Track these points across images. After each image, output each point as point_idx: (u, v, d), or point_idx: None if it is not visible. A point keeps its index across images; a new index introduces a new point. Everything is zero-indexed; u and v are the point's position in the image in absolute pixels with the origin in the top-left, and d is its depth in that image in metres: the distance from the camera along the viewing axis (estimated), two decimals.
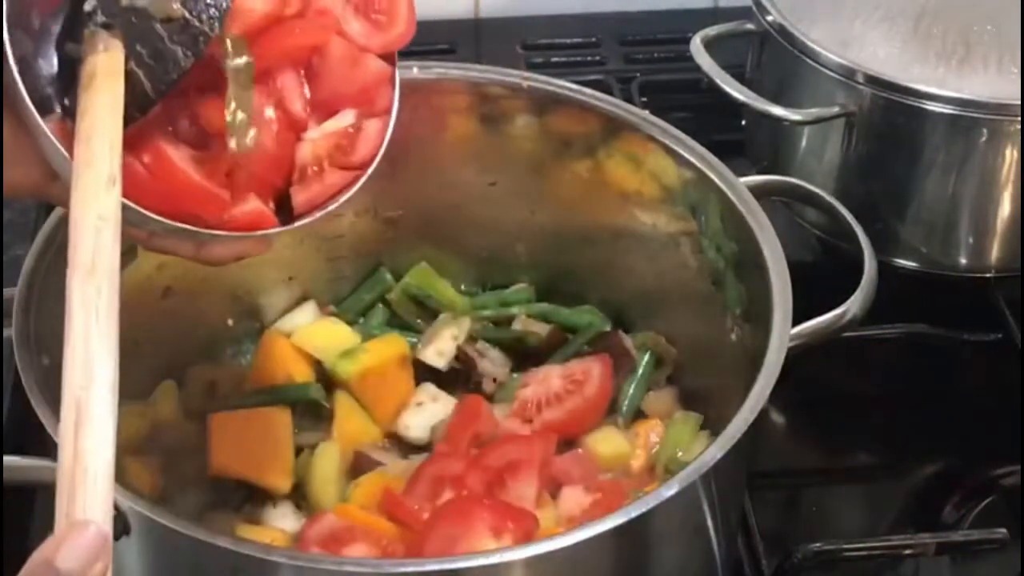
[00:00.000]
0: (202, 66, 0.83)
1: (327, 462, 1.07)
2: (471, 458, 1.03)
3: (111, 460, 0.69)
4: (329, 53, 0.90)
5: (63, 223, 1.00)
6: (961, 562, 1.14)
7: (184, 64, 0.82)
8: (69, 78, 0.82)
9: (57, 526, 0.67)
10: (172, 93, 0.83)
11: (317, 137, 0.90)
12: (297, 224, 0.89)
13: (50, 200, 0.86)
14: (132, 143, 0.81)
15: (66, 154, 0.79)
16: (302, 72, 0.90)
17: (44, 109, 0.80)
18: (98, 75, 0.80)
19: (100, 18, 0.81)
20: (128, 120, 0.80)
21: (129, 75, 0.81)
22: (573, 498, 1.02)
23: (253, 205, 0.86)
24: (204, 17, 0.82)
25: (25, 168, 0.82)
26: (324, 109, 0.91)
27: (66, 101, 0.82)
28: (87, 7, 0.81)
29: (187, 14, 0.82)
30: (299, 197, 0.89)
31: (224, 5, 0.82)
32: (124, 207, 0.78)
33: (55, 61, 0.83)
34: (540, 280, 1.23)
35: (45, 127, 0.79)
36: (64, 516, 0.67)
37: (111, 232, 0.75)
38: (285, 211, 0.89)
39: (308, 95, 0.90)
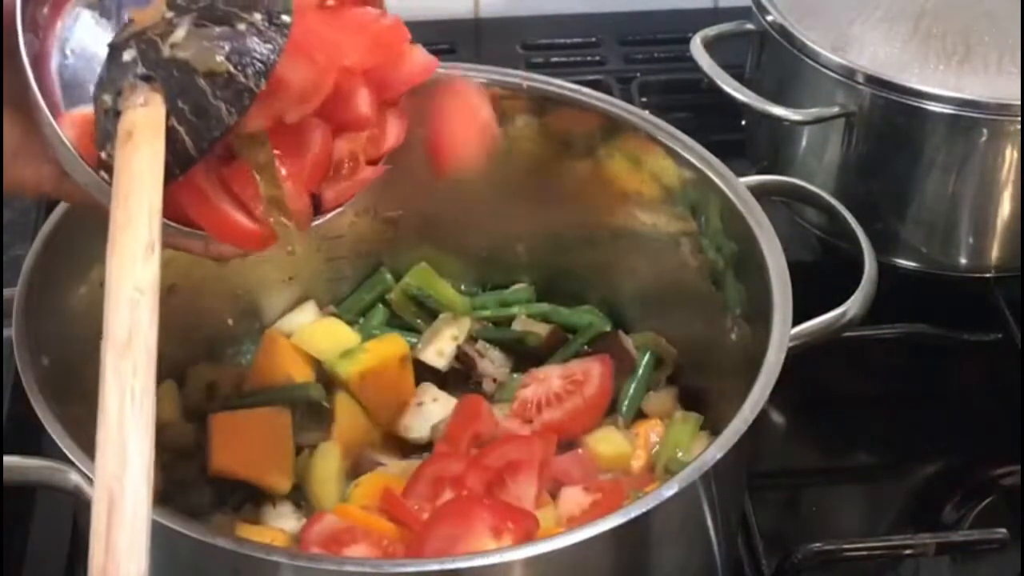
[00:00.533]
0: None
1: (327, 462, 1.07)
2: (471, 458, 1.03)
3: (146, 558, 0.66)
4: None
5: (63, 223, 1.01)
6: (961, 562, 1.14)
7: (228, 121, 0.77)
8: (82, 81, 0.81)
9: None
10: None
11: (352, 134, 0.87)
12: (323, 219, 0.87)
13: (61, 197, 0.86)
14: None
15: (75, 152, 0.78)
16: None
17: (54, 109, 0.79)
18: (137, 131, 0.76)
19: (140, 69, 0.77)
20: (167, 179, 0.76)
21: (169, 132, 0.77)
22: (573, 498, 1.02)
23: None
24: (249, 72, 0.77)
25: (36, 166, 0.81)
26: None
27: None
28: (126, 57, 0.77)
29: (231, 68, 0.77)
30: (328, 193, 0.87)
31: (271, 59, 0.77)
32: None
33: (64, 60, 0.82)
34: (540, 280, 1.23)
35: (58, 128, 0.78)
36: None
37: (149, 305, 0.71)
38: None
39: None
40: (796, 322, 0.96)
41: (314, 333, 1.16)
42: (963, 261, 1.31)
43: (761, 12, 1.33)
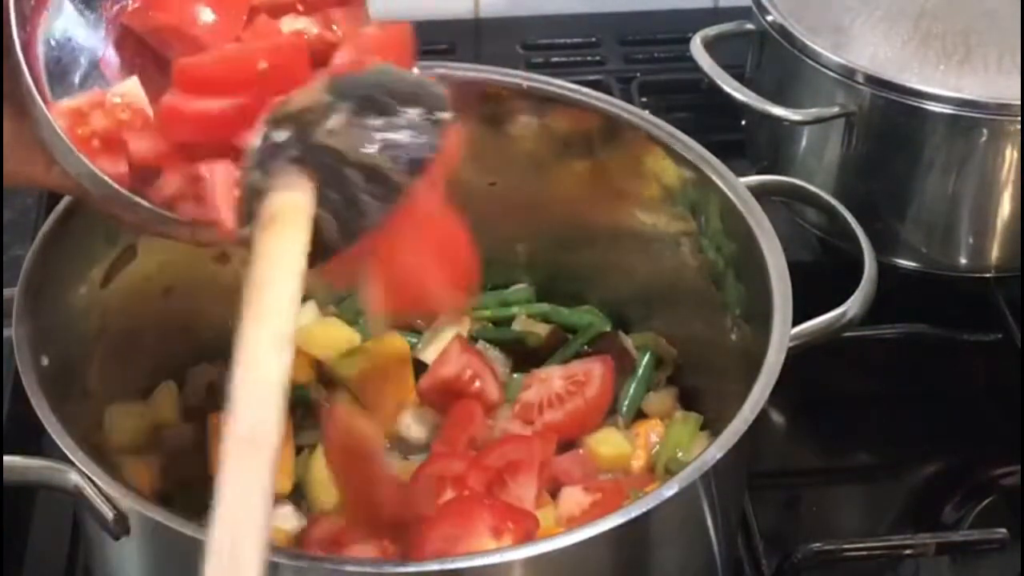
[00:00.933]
0: None
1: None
2: (471, 458, 1.03)
3: None
4: None
5: (63, 223, 1.00)
6: (961, 562, 1.14)
7: (375, 217, 0.75)
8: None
9: None
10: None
11: None
12: None
13: (54, 189, 0.86)
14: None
15: (67, 142, 0.78)
16: None
17: (43, 98, 0.79)
18: (282, 216, 0.73)
19: (293, 152, 0.75)
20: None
21: (315, 221, 0.74)
22: (573, 498, 1.02)
23: None
24: (402, 167, 0.75)
25: (27, 158, 0.81)
26: None
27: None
28: (280, 137, 0.75)
29: (384, 162, 0.75)
30: None
31: (425, 156, 0.76)
32: (127, 199, 0.76)
33: (48, 51, 0.81)
34: (540, 280, 1.23)
35: (51, 118, 0.78)
36: None
37: (277, 401, 0.69)
38: None
39: None
40: (796, 322, 0.96)
41: (314, 333, 1.16)
42: (963, 261, 1.31)
43: (761, 12, 1.33)
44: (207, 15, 0.82)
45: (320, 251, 0.75)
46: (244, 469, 0.68)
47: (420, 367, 1.15)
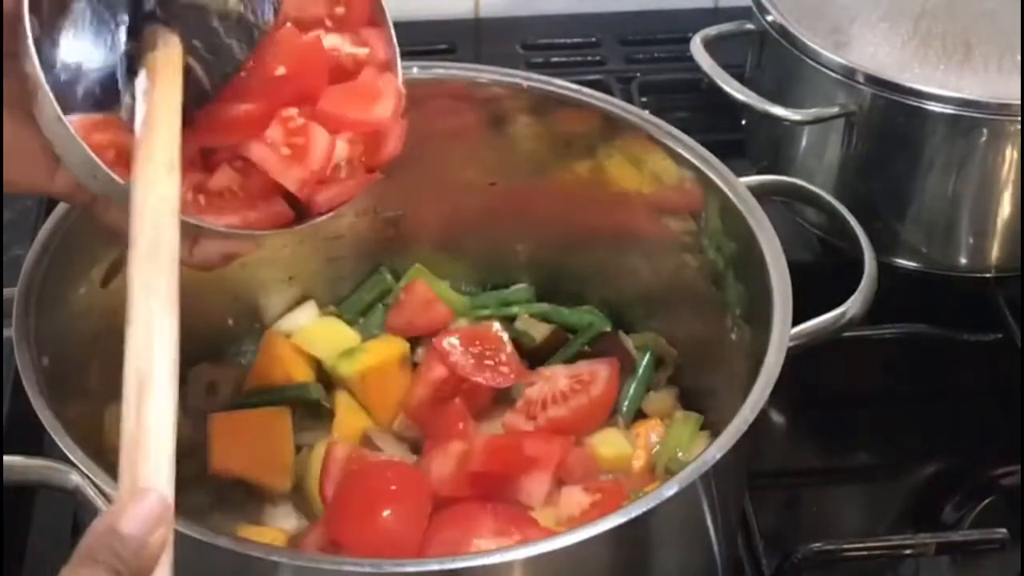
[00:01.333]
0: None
1: None
2: (487, 442, 1.03)
3: (173, 431, 0.72)
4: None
5: (63, 223, 1.00)
6: (961, 562, 1.14)
7: (240, 57, 0.84)
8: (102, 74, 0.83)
9: (119, 495, 0.69)
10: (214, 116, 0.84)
11: (353, 137, 0.89)
12: (311, 223, 0.89)
13: (51, 195, 0.86)
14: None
15: (87, 149, 0.79)
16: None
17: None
18: (157, 69, 0.81)
19: (160, 13, 0.82)
20: (185, 115, 0.81)
21: (186, 70, 0.82)
22: (573, 498, 1.02)
23: (280, 207, 0.87)
24: (259, 11, 0.84)
25: (28, 163, 0.83)
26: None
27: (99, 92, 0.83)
28: (147, 6, 0.82)
29: (242, 9, 0.83)
30: (320, 196, 0.88)
31: (277, 2, 0.84)
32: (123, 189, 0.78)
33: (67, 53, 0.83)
34: (540, 280, 1.23)
35: (67, 122, 0.79)
36: (125, 486, 0.69)
37: (170, 216, 0.77)
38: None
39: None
40: (796, 322, 0.96)
41: (314, 333, 1.16)
42: (963, 261, 1.31)
43: (761, 12, 1.33)
44: None
45: (196, 98, 0.83)
46: (149, 275, 0.75)
47: None
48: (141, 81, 0.81)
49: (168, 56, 0.82)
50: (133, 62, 0.82)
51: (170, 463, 0.71)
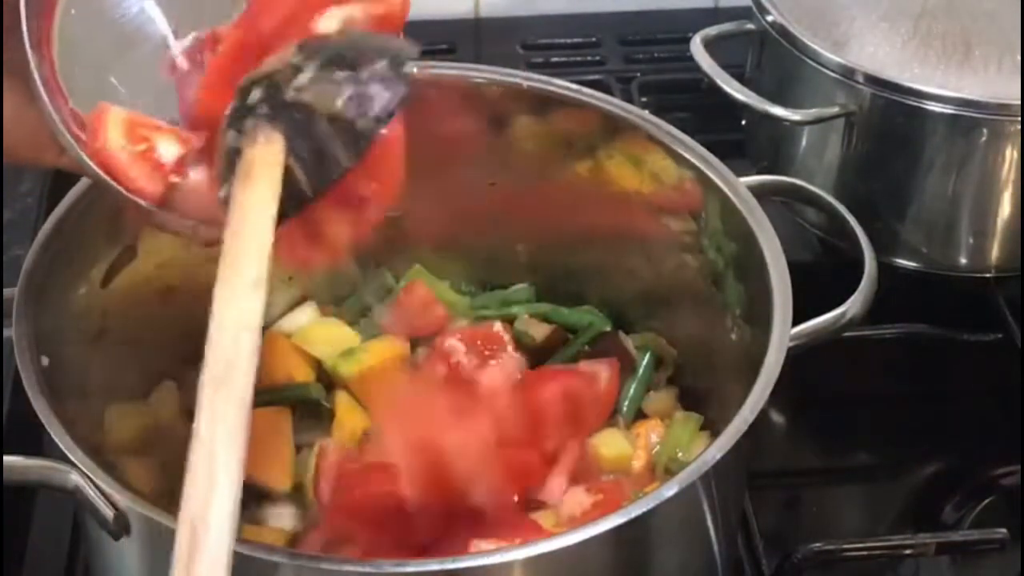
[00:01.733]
0: None
1: None
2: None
3: None
4: None
5: (63, 223, 1.00)
6: (961, 562, 1.14)
7: (345, 164, 0.80)
8: None
9: None
10: None
11: None
12: None
13: (63, 168, 0.85)
14: None
15: (71, 139, 0.79)
16: None
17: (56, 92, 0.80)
18: (255, 168, 0.78)
19: (264, 109, 0.79)
20: (281, 216, 0.78)
21: (287, 172, 0.78)
22: (574, 498, 1.02)
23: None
24: (369, 117, 0.79)
25: (33, 135, 0.81)
26: None
27: None
28: (252, 98, 0.79)
29: (351, 113, 0.79)
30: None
31: (390, 106, 0.80)
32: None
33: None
34: (540, 280, 1.23)
35: (56, 117, 0.79)
36: None
37: (251, 341, 0.73)
38: None
39: None
40: (796, 322, 0.96)
41: (314, 333, 1.16)
42: (963, 261, 1.31)
43: (761, 12, 1.33)
44: None
45: (295, 201, 0.79)
46: (218, 409, 0.71)
47: None
48: (237, 178, 0.78)
49: (268, 153, 0.78)
50: (234, 156, 0.79)
51: None
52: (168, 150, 0.82)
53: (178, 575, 0.68)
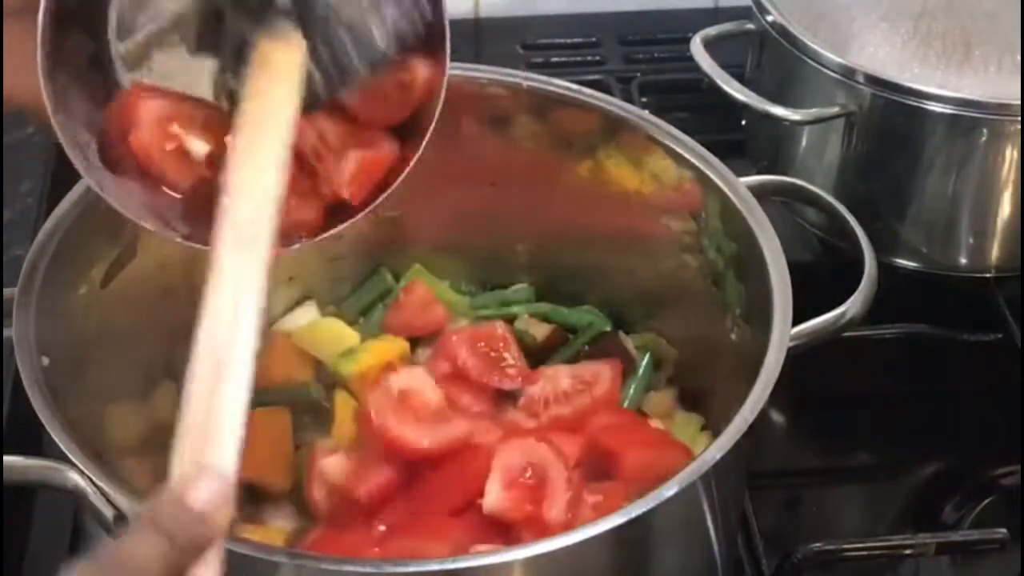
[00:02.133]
0: None
1: None
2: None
3: (244, 418, 0.71)
4: None
5: (63, 223, 1.00)
6: (961, 562, 1.14)
7: (360, 75, 0.81)
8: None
9: (179, 473, 0.70)
10: None
11: None
12: (348, 223, 0.92)
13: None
14: None
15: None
16: None
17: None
18: (277, 65, 0.79)
19: (287, 5, 0.79)
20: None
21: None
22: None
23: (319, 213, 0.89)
24: (388, 33, 0.80)
25: (33, 76, 0.80)
26: None
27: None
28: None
29: (374, 28, 0.80)
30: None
31: (419, 29, 0.81)
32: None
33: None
34: (540, 280, 1.23)
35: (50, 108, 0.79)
36: (188, 463, 0.70)
37: (272, 208, 0.76)
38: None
39: None
40: (796, 322, 0.96)
41: (314, 333, 1.16)
42: (963, 261, 1.31)
43: (761, 12, 1.33)
44: None
45: (306, 103, 0.80)
46: (241, 262, 0.74)
47: None
48: (252, 68, 0.79)
49: (290, 54, 0.79)
50: (243, 45, 0.79)
51: (238, 448, 0.70)
52: (198, 147, 0.83)
53: (198, 405, 0.72)
